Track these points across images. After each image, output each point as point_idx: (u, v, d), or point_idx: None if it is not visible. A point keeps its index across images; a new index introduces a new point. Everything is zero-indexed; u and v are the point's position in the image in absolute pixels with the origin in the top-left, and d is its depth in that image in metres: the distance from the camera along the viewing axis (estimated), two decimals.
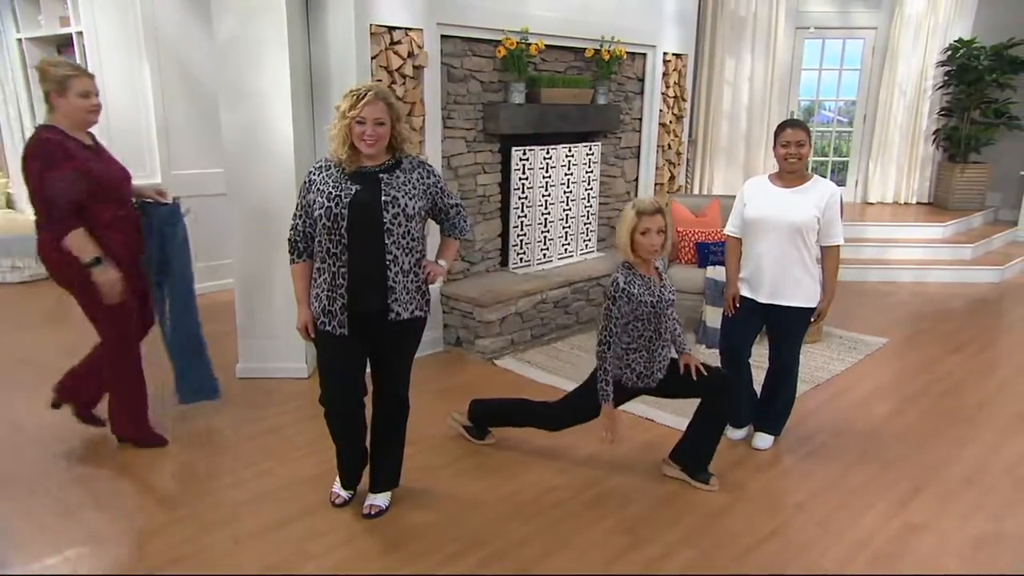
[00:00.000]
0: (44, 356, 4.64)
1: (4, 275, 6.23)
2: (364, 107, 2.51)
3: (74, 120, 3.05)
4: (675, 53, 6.08)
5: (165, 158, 5.70)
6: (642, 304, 2.96)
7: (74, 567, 2.61)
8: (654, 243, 2.91)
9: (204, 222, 5.94)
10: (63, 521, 2.89)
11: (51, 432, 3.62)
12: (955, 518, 2.97)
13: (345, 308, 2.65)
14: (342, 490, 3.02)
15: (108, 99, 5.38)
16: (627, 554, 2.72)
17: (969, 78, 7.82)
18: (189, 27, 5.63)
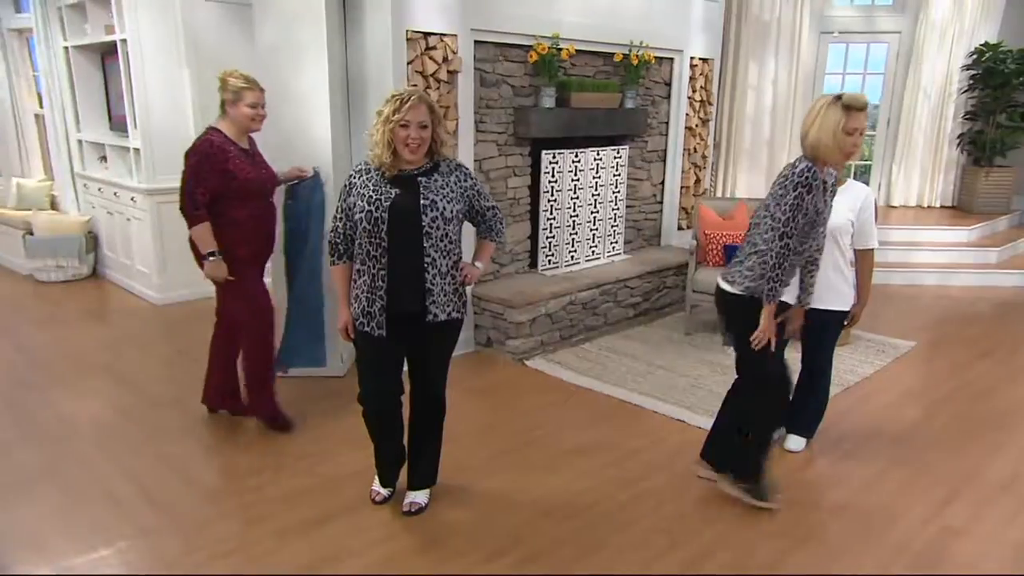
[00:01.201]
0: (87, 352, 4.70)
1: (48, 274, 6.30)
2: (409, 111, 2.49)
3: (239, 126, 3.35)
4: (702, 58, 6.02)
5: None
6: (816, 209, 2.67)
7: (126, 559, 2.63)
8: (858, 143, 2.64)
9: None
10: (113, 513, 2.90)
11: (97, 426, 3.65)
12: (993, 524, 2.90)
13: (384, 310, 2.63)
14: (381, 488, 3.01)
15: (150, 103, 5.47)
16: (665, 555, 2.68)
17: (995, 82, 7.67)
18: (227, 34, 5.66)
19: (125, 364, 4.50)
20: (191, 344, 4.86)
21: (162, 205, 5.65)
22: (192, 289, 5.82)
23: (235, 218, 3.32)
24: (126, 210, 5.94)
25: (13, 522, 2.84)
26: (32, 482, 3.13)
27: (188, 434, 3.57)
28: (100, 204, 6.38)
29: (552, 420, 3.79)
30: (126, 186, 5.85)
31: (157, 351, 4.78)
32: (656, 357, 4.66)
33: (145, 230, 5.74)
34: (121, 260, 6.23)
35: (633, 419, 3.80)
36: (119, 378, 4.28)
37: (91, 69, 6.28)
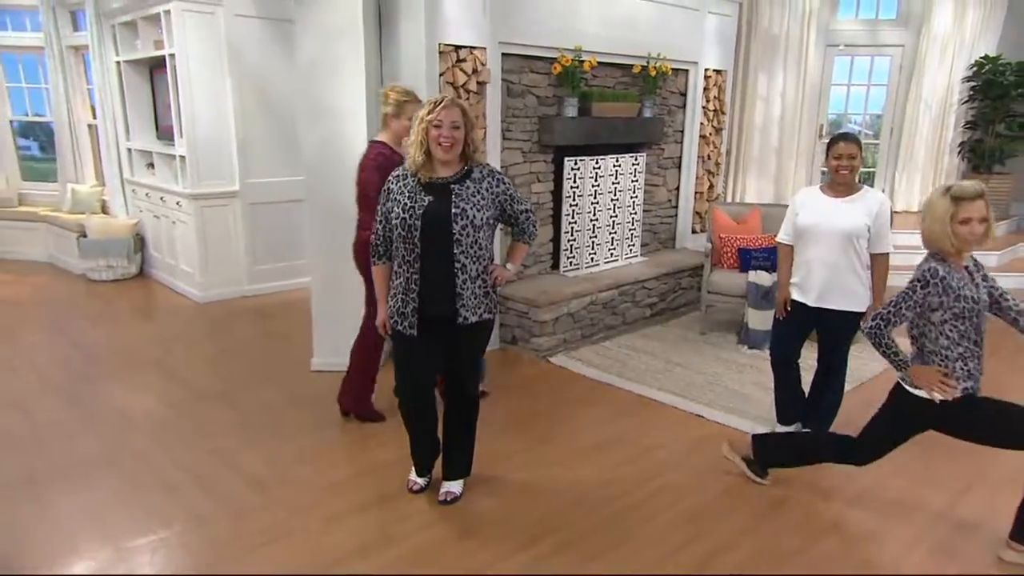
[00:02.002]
0: (137, 347, 4.72)
1: (100, 273, 6.34)
2: (441, 111, 2.48)
3: (398, 138, 3.27)
4: (715, 69, 5.96)
5: (243, 167, 5.75)
6: (963, 299, 2.42)
7: (183, 540, 2.62)
8: (975, 232, 2.40)
9: (277, 226, 6.02)
10: (167, 498, 2.91)
11: (151, 418, 3.66)
12: (1006, 516, 2.81)
13: (416, 311, 2.61)
14: (418, 477, 2.98)
15: (195, 114, 5.49)
16: (691, 544, 2.63)
17: (995, 93, 7.54)
18: (267, 50, 5.67)
19: (173, 360, 4.51)
20: (233, 341, 4.89)
21: (205, 209, 5.67)
22: (231, 288, 5.88)
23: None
24: (171, 213, 5.96)
25: (78, 505, 2.85)
26: (95, 469, 3.14)
27: (235, 427, 3.56)
28: (147, 208, 6.41)
29: (576, 415, 3.75)
30: (172, 191, 5.88)
31: (202, 347, 4.79)
32: (673, 355, 4.60)
33: (189, 232, 5.76)
34: (166, 260, 6.26)
35: (653, 415, 3.76)
36: (168, 373, 4.28)
37: (140, 82, 6.31)
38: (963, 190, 2.40)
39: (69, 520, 2.75)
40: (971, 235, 2.39)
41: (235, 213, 5.80)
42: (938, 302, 2.44)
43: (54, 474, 3.08)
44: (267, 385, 4.08)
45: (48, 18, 6.75)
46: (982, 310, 2.47)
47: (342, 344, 4.26)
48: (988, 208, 2.41)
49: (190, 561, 2.51)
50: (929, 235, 2.48)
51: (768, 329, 4.40)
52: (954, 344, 2.48)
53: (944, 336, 2.48)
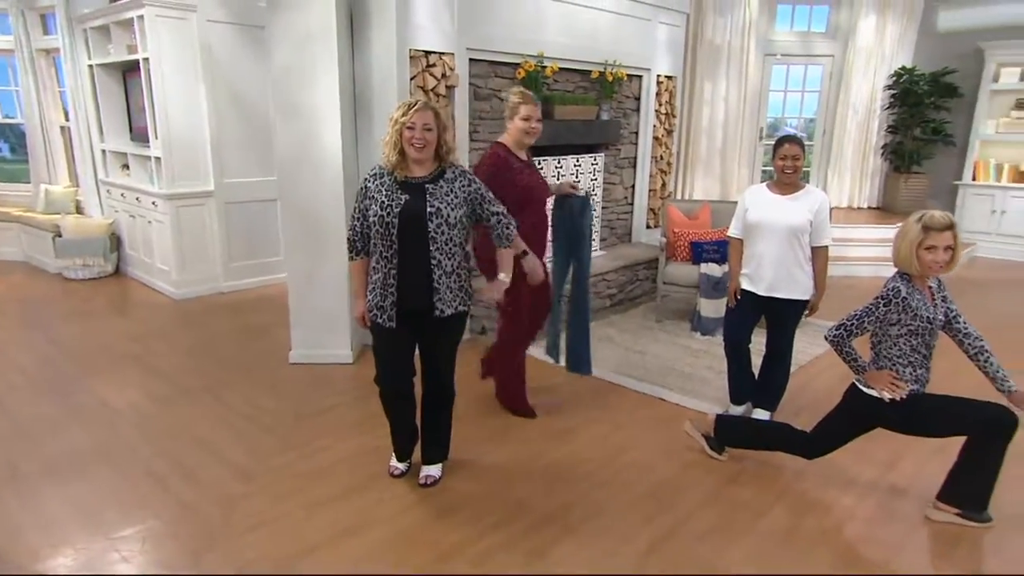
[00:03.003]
0: (117, 343, 4.54)
1: (76, 272, 6.09)
2: (415, 113, 2.46)
3: (516, 139, 3.18)
4: (666, 75, 6.00)
5: (218, 168, 5.57)
6: (919, 318, 2.50)
7: (173, 530, 2.54)
8: (939, 260, 2.44)
9: (252, 224, 5.87)
10: (154, 488, 2.81)
11: (136, 411, 3.53)
12: (931, 483, 2.91)
13: (395, 304, 2.58)
14: (398, 463, 2.94)
15: (170, 116, 5.30)
16: (656, 517, 2.65)
17: (911, 101, 7.79)
18: (240, 54, 5.51)
19: (153, 355, 4.36)
20: (211, 336, 4.75)
21: (181, 208, 5.49)
22: (208, 285, 5.71)
23: (522, 231, 3.08)
24: (147, 213, 5.75)
25: (66, 497, 2.74)
26: (81, 462, 3.02)
27: (218, 419, 3.46)
28: (123, 208, 6.17)
29: (544, 400, 3.73)
30: (148, 191, 5.67)
31: (181, 343, 4.63)
32: (632, 342, 4.64)
33: (165, 231, 5.57)
34: (143, 259, 6.04)
35: (616, 398, 3.77)
36: (149, 368, 4.13)
37: (113, 85, 6.06)
38: (932, 220, 2.43)
39: (58, 512, 2.63)
40: (934, 262, 2.44)
41: (210, 212, 5.62)
42: (896, 318, 2.52)
43: (40, 468, 2.95)
44: (247, 378, 3.97)
45: (17, 22, 6.43)
46: (935, 328, 2.54)
47: (319, 337, 4.19)
48: (956, 239, 2.44)
49: (179, 549, 2.43)
50: (897, 256, 2.54)
51: (719, 317, 4.47)
52: (905, 355, 2.58)
53: (898, 347, 2.58)
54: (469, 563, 2.36)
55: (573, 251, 3.46)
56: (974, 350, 2.58)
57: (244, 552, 2.40)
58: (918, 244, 2.45)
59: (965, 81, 7.61)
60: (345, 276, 4.06)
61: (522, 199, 3.12)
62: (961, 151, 7.78)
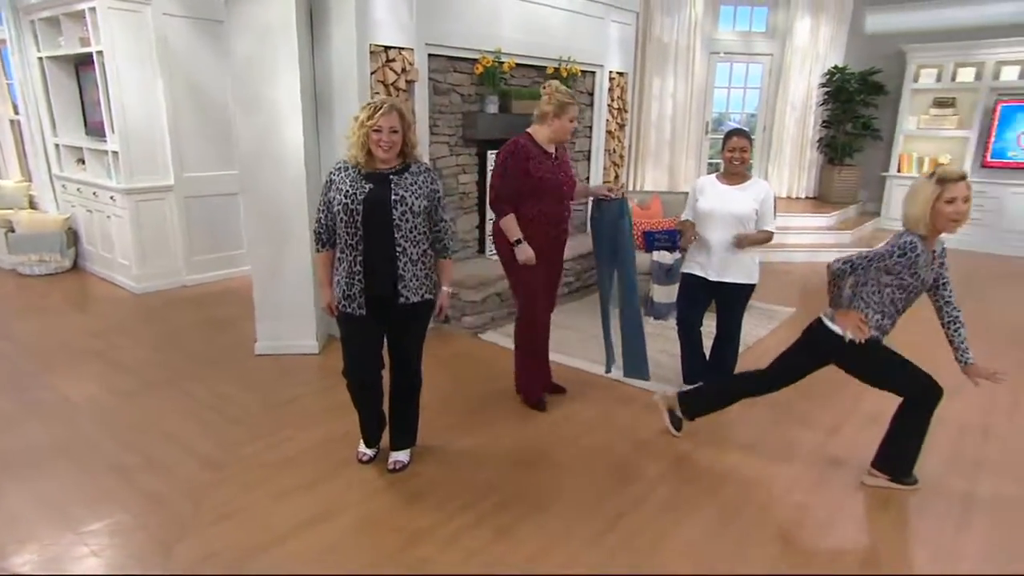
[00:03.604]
0: (76, 339, 4.36)
1: (31, 268, 5.80)
2: (381, 117, 2.41)
3: (554, 136, 3.12)
4: (618, 72, 6.03)
5: (177, 162, 5.37)
6: (916, 277, 2.48)
7: (141, 521, 2.45)
8: (960, 211, 2.37)
9: (214, 218, 5.69)
10: (121, 481, 2.71)
11: (98, 406, 3.39)
12: (866, 450, 3.02)
13: (363, 292, 2.54)
14: (367, 449, 2.91)
15: (126, 110, 5.08)
16: (616, 491, 2.69)
17: (843, 98, 8.03)
18: (198, 48, 5.31)
19: (115, 349, 4.19)
20: (175, 329, 4.59)
21: (140, 203, 5.28)
22: (170, 279, 5.52)
23: (526, 214, 3.10)
24: (105, 208, 5.51)
25: (31, 493, 2.62)
26: (45, 458, 2.88)
27: (184, 411, 3.35)
28: (79, 203, 5.90)
29: (507, 385, 3.72)
30: (105, 186, 5.43)
31: (144, 336, 4.47)
32: (590, 327, 4.65)
33: (124, 226, 5.35)
34: (101, 254, 5.80)
35: (576, 381, 3.79)
36: (111, 362, 3.97)
37: (65, 78, 5.77)
38: (948, 173, 2.39)
39: (23, 508, 2.52)
40: (955, 213, 2.37)
41: (171, 206, 5.42)
42: (898, 271, 2.48)
43: (2, 464, 2.81)
44: (213, 370, 3.86)
45: None
46: (923, 291, 2.55)
47: (285, 328, 4.10)
48: (970, 190, 2.40)
49: (149, 540, 2.34)
50: (909, 217, 2.48)
51: (671, 302, 4.54)
52: (883, 304, 2.56)
53: (880, 294, 2.56)
54: (438, 545, 2.34)
55: (617, 255, 3.35)
56: (949, 319, 2.59)
57: (214, 542, 2.34)
58: (935, 198, 2.37)
59: (890, 80, 7.89)
60: (309, 267, 3.97)
61: (535, 188, 3.07)
62: (888, 145, 8.06)
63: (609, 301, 3.49)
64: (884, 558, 2.33)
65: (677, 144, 8.05)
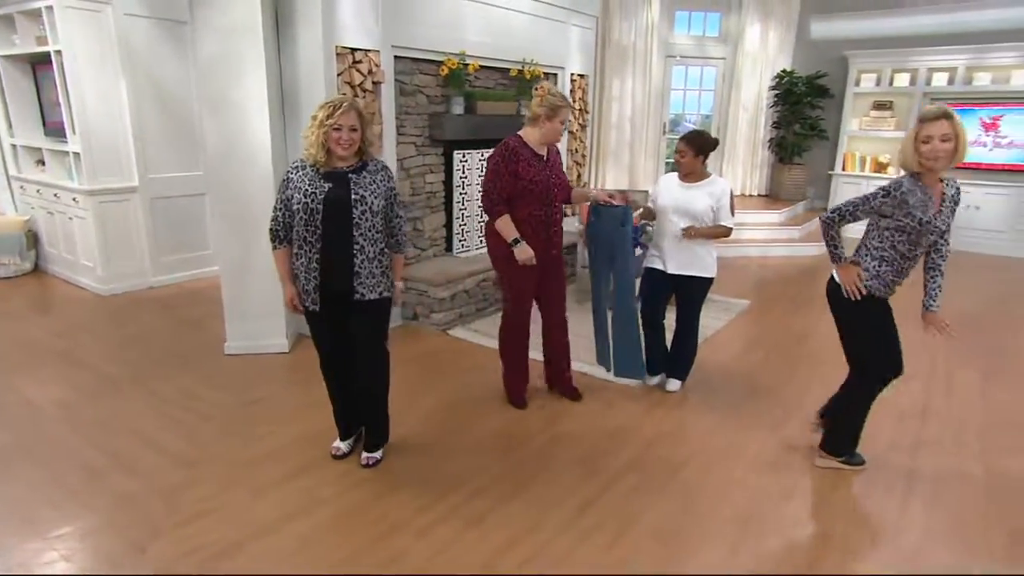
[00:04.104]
0: (40, 341, 4.20)
1: None
2: (341, 116, 2.40)
3: (544, 138, 3.05)
4: (579, 74, 6.07)
5: (142, 163, 5.22)
6: (911, 217, 2.41)
7: (113, 521, 2.38)
8: (935, 150, 2.32)
9: (180, 219, 5.54)
10: (90, 482, 2.63)
11: (64, 407, 3.28)
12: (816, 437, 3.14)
13: (319, 288, 2.53)
14: (341, 443, 2.88)
15: (87, 110, 4.91)
16: (585, 481, 2.72)
17: (791, 100, 8.25)
18: (160, 48, 5.16)
19: (80, 350, 4.06)
20: (142, 330, 4.47)
21: (104, 204, 5.11)
22: (136, 280, 5.37)
23: (515, 216, 3.04)
24: (67, 210, 5.32)
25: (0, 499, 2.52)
26: (9, 461, 2.78)
27: (153, 410, 3.27)
28: (39, 204, 5.68)
29: (478, 379, 3.75)
30: (67, 187, 5.24)
31: (110, 337, 4.33)
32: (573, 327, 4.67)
33: (88, 227, 5.17)
34: (64, 256, 5.59)
35: (543, 373, 3.82)
36: (77, 363, 3.85)
37: (21, 78, 5.54)
38: (926, 112, 2.35)
39: None
40: (932, 152, 2.33)
41: (136, 208, 5.26)
42: (890, 211, 2.45)
43: None
44: (182, 370, 3.77)
45: None
46: (926, 232, 2.44)
47: (255, 327, 4.03)
48: (954, 127, 2.32)
49: (122, 542, 2.28)
50: (902, 156, 2.44)
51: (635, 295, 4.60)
52: (885, 250, 2.52)
53: (880, 239, 2.52)
54: (413, 536, 2.34)
55: (615, 260, 3.35)
56: (931, 264, 2.56)
57: (190, 540, 2.29)
58: (915, 138, 2.37)
59: (834, 84, 8.13)
60: None
61: (525, 191, 3.03)
62: (833, 145, 8.31)
63: (604, 304, 3.52)
64: (834, 534, 2.42)
65: (636, 144, 8.15)
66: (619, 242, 3.31)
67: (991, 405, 3.50)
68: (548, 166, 3.12)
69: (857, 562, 2.27)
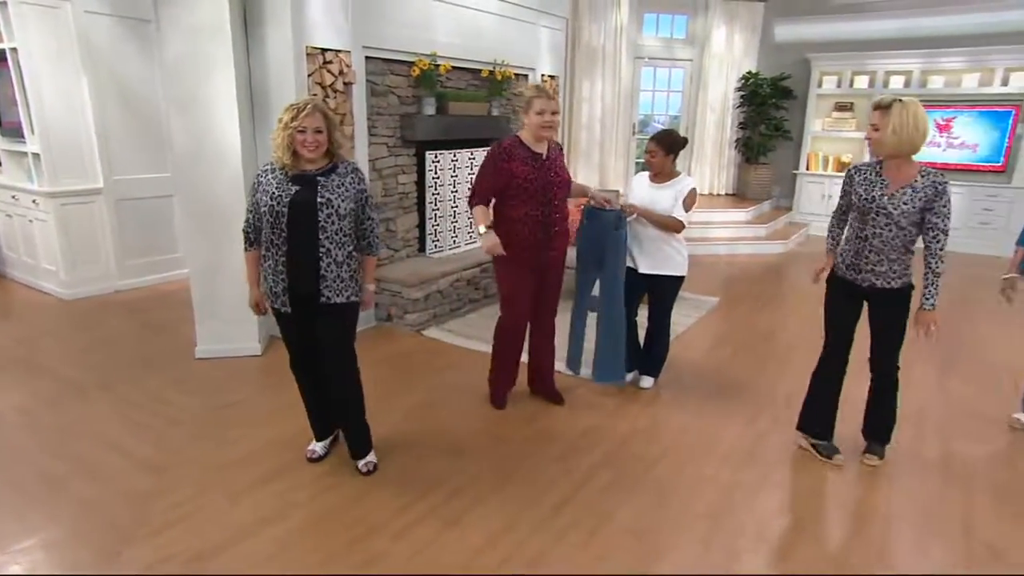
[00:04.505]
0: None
1: None
2: (305, 118, 2.37)
3: (532, 133, 2.98)
4: (550, 75, 6.10)
5: (106, 164, 5.08)
6: (856, 195, 2.62)
7: (78, 530, 2.31)
8: (870, 136, 2.55)
9: (148, 221, 5.41)
10: (52, 492, 2.55)
11: (24, 414, 3.17)
12: (786, 427, 3.21)
13: (287, 290, 2.50)
14: (317, 445, 2.85)
15: (47, 110, 4.77)
16: (561, 479, 2.73)
17: (757, 101, 8.40)
18: (123, 47, 5.03)
19: (42, 356, 3.93)
20: (108, 334, 4.35)
21: (67, 207, 4.96)
22: (102, 284, 5.22)
23: (510, 216, 3.00)
24: (28, 212, 5.15)
25: None
26: None
27: (120, 416, 3.18)
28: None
29: (453, 379, 3.74)
30: (26, 189, 5.07)
31: (73, 342, 4.20)
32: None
33: (50, 230, 5.01)
34: (24, 259, 5.41)
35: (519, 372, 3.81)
36: (38, 369, 3.73)
37: None
38: (874, 102, 2.57)
39: None
40: (868, 137, 2.58)
41: (101, 210, 5.12)
42: (845, 190, 2.71)
43: None
44: (151, 374, 3.68)
45: None
46: (870, 212, 2.57)
47: (226, 331, 3.95)
48: (882, 118, 2.48)
49: (90, 552, 2.22)
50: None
51: None
52: (848, 228, 2.75)
53: (849, 223, 2.76)
54: (391, 537, 2.33)
55: (605, 264, 3.35)
56: (926, 267, 2.57)
57: (162, 549, 2.24)
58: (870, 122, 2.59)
59: (798, 85, 8.31)
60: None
61: (520, 189, 2.96)
62: (797, 145, 8.49)
63: (586, 307, 3.53)
64: (804, 525, 2.48)
65: (606, 144, 8.21)
66: (612, 245, 3.32)
67: (949, 396, 3.62)
68: (547, 164, 3.02)
69: (828, 551, 2.32)
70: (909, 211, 2.54)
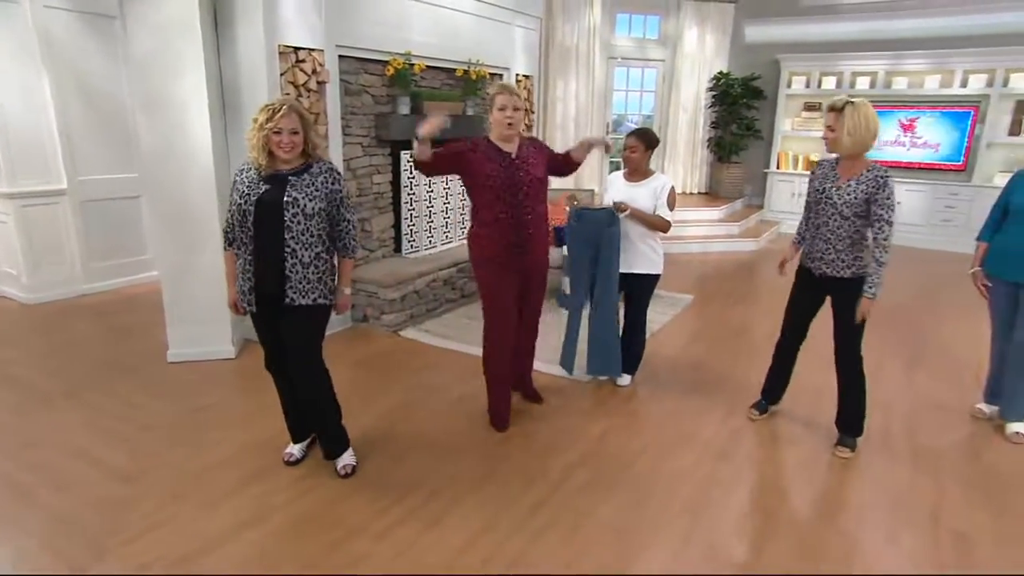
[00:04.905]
0: None
1: None
2: (280, 119, 2.36)
3: (497, 132, 2.92)
4: (524, 74, 6.12)
5: (70, 164, 4.95)
6: (809, 184, 2.89)
7: (49, 544, 2.26)
8: (827, 138, 2.71)
9: (115, 223, 5.30)
10: (22, 503, 2.49)
11: None
12: (761, 420, 3.29)
13: (253, 290, 2.49)
14: (294, 447, 2.82)
15: (5, 110, 4.63)
16: (540, 477, 2.75)
17: (728, 101, 8.52)
18: (85, 44, 4.92)
19: (4, 363, 3.82)
20: (73, 339, 4.25)
21: (27, 208, 4.83)
22: (66, 288, 5.09)
23: (484, 219, 2.95)
24: None
25: None
26: None
27: (88, 424, 3.12)
28: None
29: (429, 379, 3.74)
30: None
31: (36, 348, 4.10)
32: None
33: (9, 233, 4.87)
34: None
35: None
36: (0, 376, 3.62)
37: None
38: (828, 104, 2.72)
39: None
40: (826, 139, 2.72)
41: (65, 212, 4.99)
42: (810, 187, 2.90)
43: None
44: (120, 379, 3.61)
45: None
46: (821, 202, 2.80)
47: (198, 333, 3.89)
48: (836, 120, 2.64)
49: (62, 564, 2.17)
50: None
51: None
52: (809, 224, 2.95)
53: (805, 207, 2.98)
54: (372, 539, 2.32)
55: (599, 262, 3.37)
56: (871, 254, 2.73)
57: (138, 557, 2.20)
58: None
59: (768, 85, 8.47)
60: (222, 269, 3.78)
61: (485, 187, 2.87)
62: (768, 144, 8.65)
63: (581, 306, 3.55)
64: (780, 517, 2.54)
65: None
66: (606, 242, 3.36)
67: (916, 389, 3.74)
68: (516, 163, 2.90)
69: (804, 543, 2.38)
70: (852, 201, 2.71)
